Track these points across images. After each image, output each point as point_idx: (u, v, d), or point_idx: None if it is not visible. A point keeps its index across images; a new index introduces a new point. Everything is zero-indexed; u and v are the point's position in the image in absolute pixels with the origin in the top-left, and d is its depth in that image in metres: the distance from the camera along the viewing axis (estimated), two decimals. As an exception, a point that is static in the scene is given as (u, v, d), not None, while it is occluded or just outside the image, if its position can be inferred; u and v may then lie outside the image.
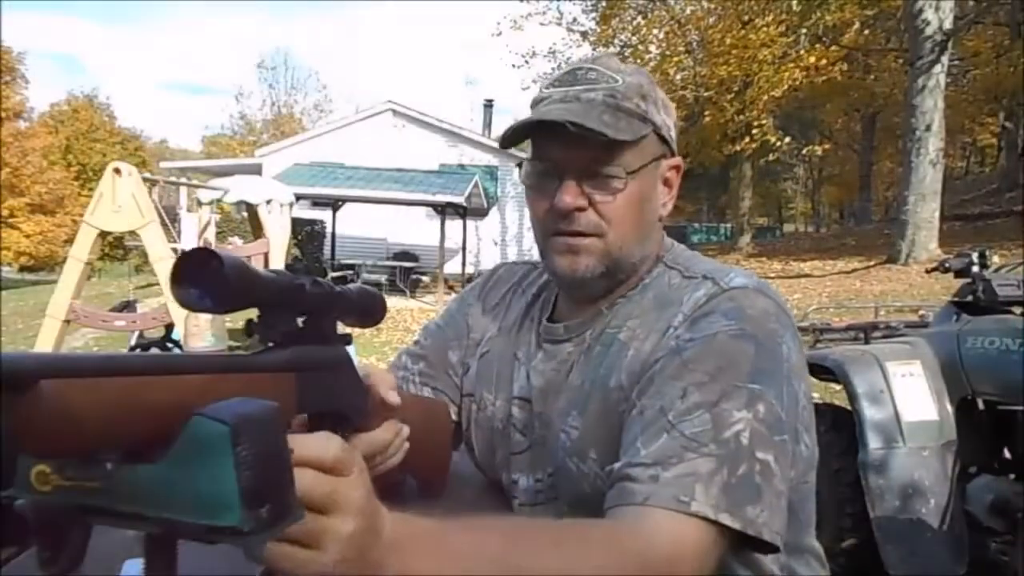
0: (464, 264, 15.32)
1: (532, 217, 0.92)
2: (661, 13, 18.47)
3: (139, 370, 0.46)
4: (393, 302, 12.18)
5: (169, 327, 5.84)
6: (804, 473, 0.86)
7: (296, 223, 10.93)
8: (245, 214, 10.27)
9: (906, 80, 12.93)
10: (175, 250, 6.30)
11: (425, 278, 16.35)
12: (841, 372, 2.50)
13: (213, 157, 34.16)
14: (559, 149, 0.85)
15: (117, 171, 5.54)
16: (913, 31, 11.93)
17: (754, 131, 15.51)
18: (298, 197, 9.60)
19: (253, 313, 0.58)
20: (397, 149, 17.33)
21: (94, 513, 0.43)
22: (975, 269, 2.66)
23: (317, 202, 15.25)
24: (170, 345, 5.78)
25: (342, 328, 0.68)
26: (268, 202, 7.41)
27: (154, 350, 5.66)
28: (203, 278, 0.50)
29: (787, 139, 16.50)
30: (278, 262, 7.06)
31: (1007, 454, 2.46)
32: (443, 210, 13.58)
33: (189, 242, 9.60)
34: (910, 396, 2.40)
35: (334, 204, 14.97)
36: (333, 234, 15.46)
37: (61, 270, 6.14)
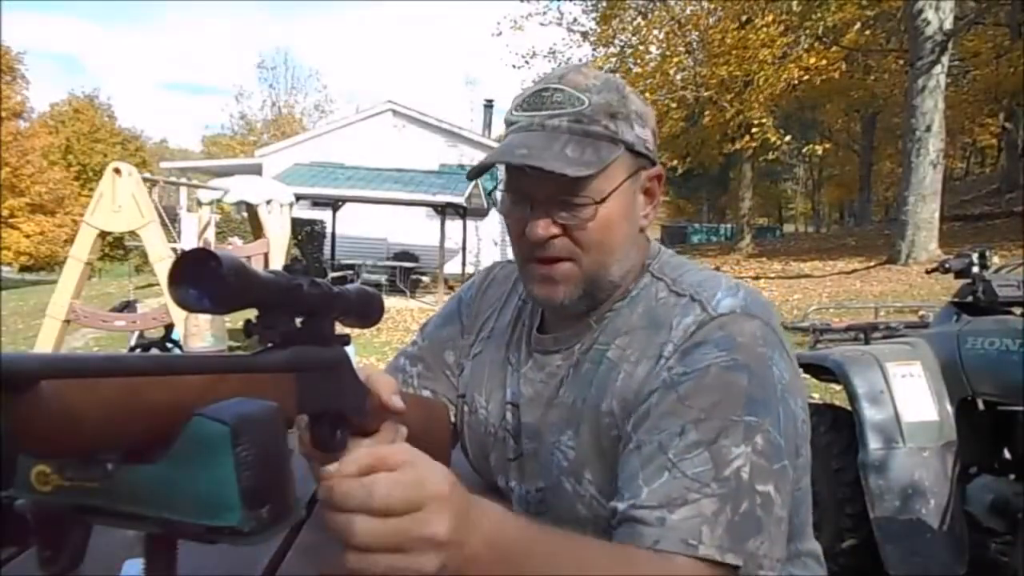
0: (464, 264, 15.32)
1: (510, 240, 0.92)
2: (661, 13, 18.46)
3: (139, 370, 0.46)
4: (393, 302, 12.17)
5: (169, 327, 5.85)
6: (798, 480, 0.86)
7: (296, 223, 10.94)
8: (245, 214, 10.27)
9: (906, 80, 12.93)
10: (175, 250, 6.30)
11: (425, 278, 16.35)
12: (841, 372, 2.50)
13: (213, 157, 34.18)
14: (527, 181, 0.84)
15: (117, 171, 5.54)
16: (913, 31, 11.94)
17: (754, 130, 15.51)
18: (298, 197, 9.61)
19: (252, 313, 0.58)
20: (397, 149, 17.34)
21: (94, 513, 0.43)
22: (975, 269, 2.66)
23: (317, 202, 15.24)
24: (170, 345, 5.78)
25: (340, 328, 0.68)
26: (268, 202, 7.42)
27: (154, 350, 5.66)
28: (201, 279, 0.50)
29: (787, 137, 16.49)
30: (278, 262, 7.06)
31: (1007, 454, 2.46)
32: (443, 210, 13.58)
33: (189, 242, 9.59)
34: (910, 396, 2.40)
35: (334, 204, 14.97)
36: (333, 234, 15.46)
37: (61, 270, 6.14)
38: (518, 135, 0.86)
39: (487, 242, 18.24)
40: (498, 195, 0.97)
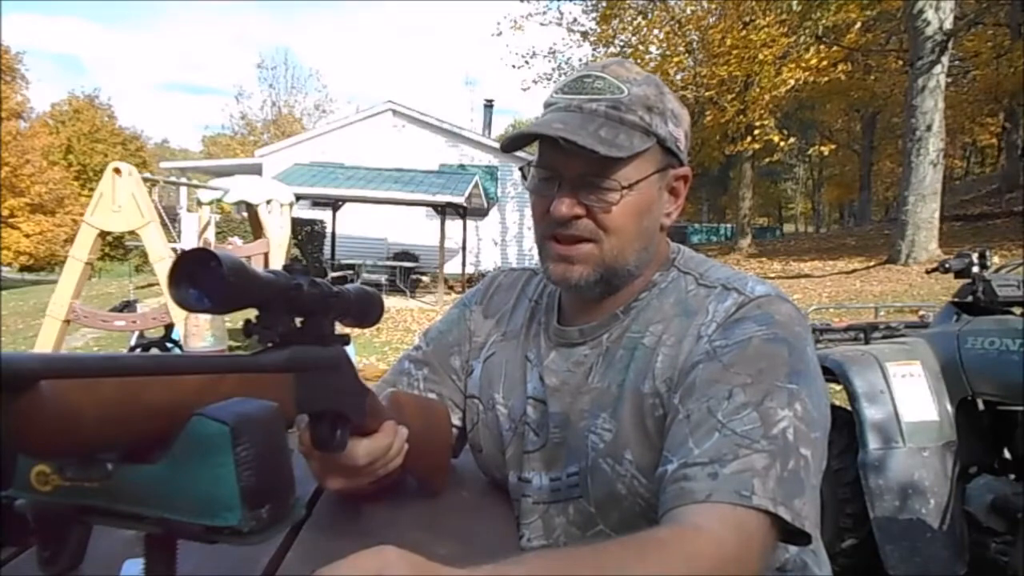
0: (464, 264, 15.32)
1: (533, 218, 0.94)
2: (661, 13, 18.47)
3: (139, 370, 0.46)
4: (393, 302, 12.17)
5: (169, 327, 5.84)
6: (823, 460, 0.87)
7: (296, 223, 10.94)
8: (245, 214, 10.27)
9: (906, 80, 12.93)
10: (175, 250, 6.28)
11: (425, 278, 16.35)
12: (841, 372, 2.50)
13: (213, 157, 34.21)
14: (558, 158, 0.87)
15: (117, 171, 5.53)
16: (913, 31, 11.93)
17: (756, 131, 15.51)
18: (298, 197, 9.59)
19: (252, 313, 0.58)
20: (397, 149, 17.33)
21: (94, 513, 0.43)
22: (975, 269, 2.66)
23: (317, 202, 15.25)
24: (170, 345, 5.77)
25: (340, 328, 0.68)
26: (268, 202, 7.40)
27: (154, 350, 5.66)
28: (201, 279, 0.50)
29: (791, 139, 16.49)
30: (278, 262, 7.05)
31: (1007, 454, 2.46)
32: (443, 210, 13.57)
33: (189, 242, 9.59)
34: (910, 396, 2.40)
35: (334, 204, 14.96)
36: (333, 234, 15.46)
37: (61, 270, 6.13)
38: (556, 113, 0.89)
39: (487, 242, 18.25)
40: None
